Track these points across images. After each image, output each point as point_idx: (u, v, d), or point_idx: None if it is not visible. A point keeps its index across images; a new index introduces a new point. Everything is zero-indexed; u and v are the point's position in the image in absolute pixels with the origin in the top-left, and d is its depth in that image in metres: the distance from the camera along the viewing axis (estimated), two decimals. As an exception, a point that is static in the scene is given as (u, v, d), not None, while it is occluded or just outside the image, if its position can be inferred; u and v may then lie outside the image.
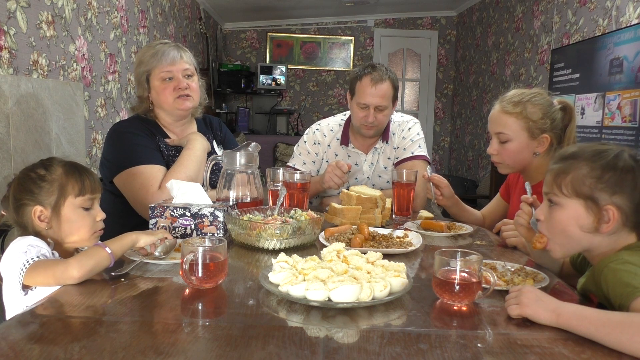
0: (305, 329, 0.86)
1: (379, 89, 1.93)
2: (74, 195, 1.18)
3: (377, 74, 1.94)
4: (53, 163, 1.20)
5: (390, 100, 1.98)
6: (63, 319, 0.88)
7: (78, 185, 1.18)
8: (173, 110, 1.74)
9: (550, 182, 1.06)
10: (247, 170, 1.59)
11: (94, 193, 1.21)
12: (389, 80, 1.95)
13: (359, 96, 1.97)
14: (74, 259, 1.04)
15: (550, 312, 0.86)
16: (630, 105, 2.99)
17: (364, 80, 1.95)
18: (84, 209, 1.20)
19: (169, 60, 1.70)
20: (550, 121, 1.55)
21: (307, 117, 6.82)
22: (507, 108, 1.57)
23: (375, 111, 1.96)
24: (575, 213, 1.02)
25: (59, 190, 1.16)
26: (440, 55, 6.93)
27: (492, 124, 1.63)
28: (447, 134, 7.05)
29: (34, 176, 1.17)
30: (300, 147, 2.17)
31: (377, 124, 1.99)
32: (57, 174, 1.18)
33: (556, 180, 1.04)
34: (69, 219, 1.18)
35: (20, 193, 1.16)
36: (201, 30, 5.35)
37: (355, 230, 1.45)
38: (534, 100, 1.55)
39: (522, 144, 1.57)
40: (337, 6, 6.08)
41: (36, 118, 2.09)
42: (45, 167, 1.18)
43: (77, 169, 1.21)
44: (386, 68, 1.98)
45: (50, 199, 1.16)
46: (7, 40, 1.95)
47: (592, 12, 3.57)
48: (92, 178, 1.22)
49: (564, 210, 1.03)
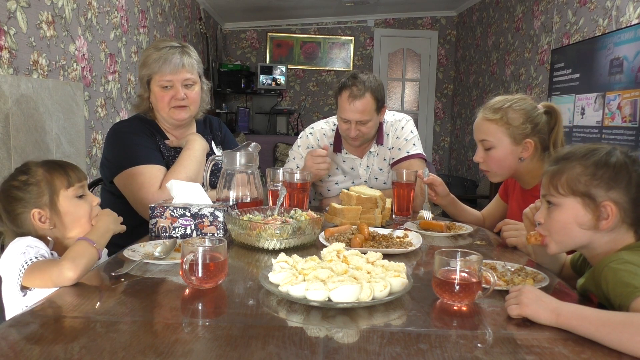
0: (305, 329, 0.86)
1: (358, 105, 1.86)
2: (64, 188, 1.18)
3: (356, 89, 1.86)
4: (30, 166, 1.20)
5: (373, 112, 1.91)
6: (63, 319, 0.88)
7: (64, 178, 1.19)
8: (168, 118, 1.75)
9: (546, 183, 1.08)
10: (247, 170, 1.59)
11: (81, 181, 1.22)
12: (369, 93, 1.87)
13: (340, 110, 1.94)
14: (67, 260, 1.02)
15: (550, 312, 0.86)
16: (630, 105, 2.99)
17: (343, 95, 1.90)
18: (78, 197, 1.21)
19: (170, 69, 1.68)
20: (532, 125, 1.55)
21: (307, 117, 6.82)
22: (488, 115, 1.59)
23: (357, 125, 1.91)
24: (574, 211, 1.03)
25: (48, 188, 1.17)
26: (440, 55, 6.93)
27: (475, 132, 1.65)
28: (447, 134, 7.05)
29: (17, 184, 1.16)
30: (295, 151, 2.15)
31: (361, 135, 1.95)
32: (39, 174, 1.18)
33: (552, 181, 1.06)
34: (68, 211, 1.18)
35: (11, 205, 1.15)
36: (201, 30, 5.35)
37: (355, 230, 1.45)
38: (515, 106, 1.57)
39: (506, 150, 1.57)
40: (337, 6, 6.08)
41: (36, 118, 2.09)
42: (25, 172, 1.18)
43: (57, 163, 1.22)
44: (368, 78, 1.89)
45: (43, 199, 1.16)
46: (7, 40, 1.95)
47: (592, 12, 3.57)
48: (73, 167, 1.23)
49: (563, 209, 1.05)
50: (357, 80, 1.87)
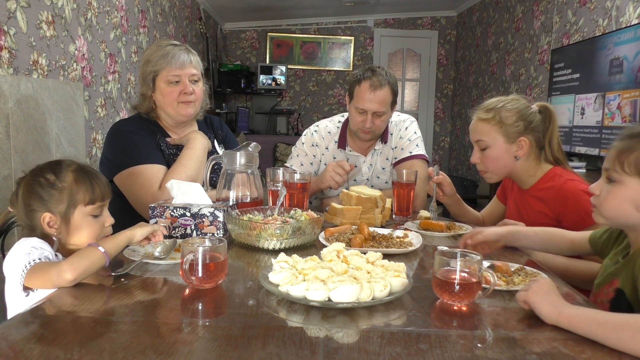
0: (305, 329, 0.86)
1: (378, 95, 1.90)
2: (83, 204, 1.17)
3: (377, 79, 1.90)
4: (63, 168, 1.18)
5: (389, 105, 1.95)
6: (63, 319, 0.88)
7: (88, 194, 1.17)
8: (175, 114, 1.75)
9: (612, 158, 1.03)
10: (247, 170, 1.59)
11: (104, 200, 1.21)
12: (388, 86, 1.92)
13: (357, 101, 1.95)
14: (66, 262, 1.02)
15: (553, 309, 0.86)
16: (630, 105, 2.99)
17: (363, 85, 1.92)
18: (93, 216, 1.19)
19: (179, 64, 1.70)
20: (525, 123, 1.56)
21: (307, 117, 6.82)
22: (481, 115, 1.61)
23: (373, 117, 1.94)
24: (634, 192, 1.00)
25: (68, 199, 1.15)
26: (440, 55, 6.93)
27: (471, 133, 1.66)
28: (447, 134, 7.05)
29: (44, 182, 1.15)
30: (298, 148, 2.16)
31: (374, 129, 1.97)
32: (67, 181, 1.16)
33: (619, 157, 1.01)
34: (78, 227, 1.17)
35: (30, 198, 1.15)
36: (201, 30, 5.35)
37: (355, 230, 1.45)
38: (508, 106, 1.58)
39: (501, 149, 1.58)
40: (337, 6, 6.08)
41: (36, 118, 2.09)
42: (55, 173, 1.16)
43: (88, 175, 1.19)
44: (386, 72, 1.95)
45: (59, 207, 1.15)
46: (7, 40, 1.95)
47: (592, 12, 3.57)
48: (102, 184, 1.20)
49: (623, 188, 1.01)
50: (377, 72, 1.93)
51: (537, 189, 1.58)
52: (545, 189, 1.55)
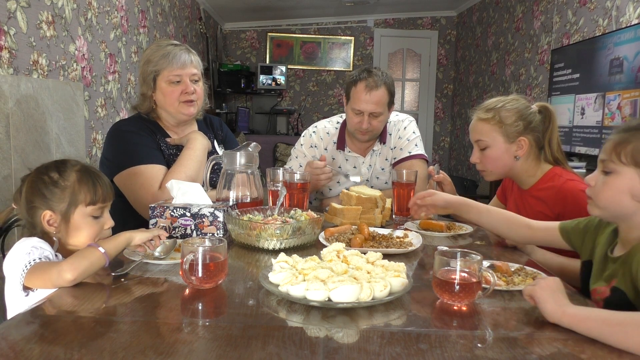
0: (305, 329, 0.86)
1: (374, 96, 1.90)
2: (85, 204, 1.17)
3: (372, 80, 1.90)
4: (67, 167, 1.18)
5: (386, 106, 1.95)
6: (63, 319, 0.88)
7: (90, 195, 1.17)
8: (177, 113, 1.75)
9: (609, 149, 1.05)
10: (247, 170, 1.59)
11: (105, 202, 1.21)
12: (385, 86, 1.91)
13: (353, 102, 1.95)
14: (66, 262, 1.02)
15: (557, 307, 0.87)
16: (630, 105, 2.99)
17: (359, 86, 1.92)
18: (94, 217, 1.19)
19: (180, 64, 1.70)
20: (524, 123, 1.56)
21: (307, 117, 6.82)
22: (481, 115, 1.61)
23: (369, 117, 1.93)
24: (631, 182, 1.01)
25: (70, 198, 1.16)
26: (440, 55, 6.93)
27: (471, 133, 1.67)
28: (447, 134, 7.05)
29: (47, 180, 1.16)
30: (297, 149, 2.15)
31: (371, 130, 1.97)
32: (71, 180, 1.16)
33: (616, 149, 1.03)
34: (78, 227, 1.17)
35: (32, 195, 1.15)
36: (201, 30, 5.35)
37: (355, 230, 1.45)
38: (508, 106, 1.58)
39: (501, 149, 1.58)
40: (337, 6, 6.08)
41: (36, 118, 2.09)
42: (59, 172, 1.17)
43: (91, 176, 1.19)
44: (383, 73, 1.94)
45: (61, 205, 1.15)
46: (7, 40, 1.95)
47: (592, 12, 3.57)
48: (104, 186, 1.21)
49: (619, 177, 1.02)
50: (373, 73, 1.92)
51: (536, 189, 1.58)
52: (545, 189, 1.55)
